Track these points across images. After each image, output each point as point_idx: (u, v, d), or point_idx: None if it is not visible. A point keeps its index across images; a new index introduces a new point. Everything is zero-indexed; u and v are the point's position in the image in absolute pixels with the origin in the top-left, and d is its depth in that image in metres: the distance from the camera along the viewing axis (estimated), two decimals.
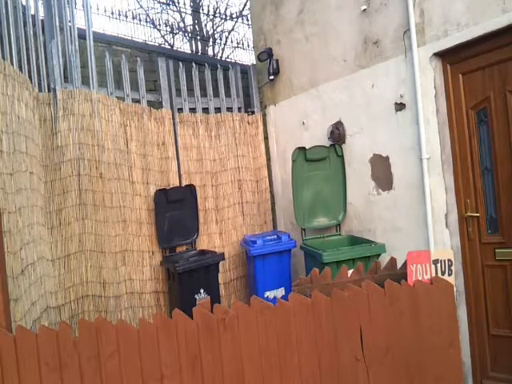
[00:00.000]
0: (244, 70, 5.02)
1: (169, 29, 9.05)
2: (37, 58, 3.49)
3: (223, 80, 4.80)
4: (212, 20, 10.72)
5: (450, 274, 2.27)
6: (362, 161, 3.91)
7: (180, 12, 10.41)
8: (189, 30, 10.68)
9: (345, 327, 2.05)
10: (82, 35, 3.75)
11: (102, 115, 3.70)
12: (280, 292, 4.10)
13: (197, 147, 4.47)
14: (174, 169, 4.27)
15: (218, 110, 4.72)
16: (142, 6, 9.45)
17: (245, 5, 10.29)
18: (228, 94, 4.84)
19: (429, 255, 2.27)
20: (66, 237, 3.47)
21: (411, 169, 3.48)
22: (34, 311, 2.84)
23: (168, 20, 9.47)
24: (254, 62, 5.21)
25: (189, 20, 10.71)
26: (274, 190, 4.99)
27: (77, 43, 3.68)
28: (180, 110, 4.47)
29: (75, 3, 3.85)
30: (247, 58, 7.48)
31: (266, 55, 4.73)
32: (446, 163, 3.31)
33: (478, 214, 3.21)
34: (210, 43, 10.32)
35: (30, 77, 3.34)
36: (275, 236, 4.19)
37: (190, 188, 4.24)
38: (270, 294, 4.04)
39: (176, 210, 4.12)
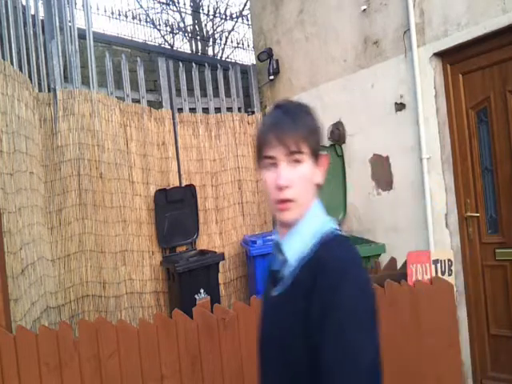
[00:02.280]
0: (244, 70, 5.02)
1: (169, 29, 9.05)
2: (37, 58, 3.49)
3: (223, 80, 4.79)
4: (212, 20, 10.71)
5: (450, 274, 2.27)
6: (361, 161, 3.90)
7: (180, 12, 10.41)
8: (189, 29, 10.67)
9: None
10: (82, 35, 3.74)
11: (102, 115, 3.70)
12: None
13: (197, 147, 4.46)
14: (174, 169, 4.26)
15: (218, 110, 4.72)
16: (142, 6, 9.45)
17: (245, 5, 10.28)
18: (228, 94, 4.84)
19: (429, 255, 2.27)
20: (65, 237, 3.47)
21: (411, 169, 3.48)
22: (34, 311, 2.84)
23: (168, 20, 9.47)
24: (254, 62, 5.21)
25: (189, 20, 10.71)
26: None
27: (77, 43, 3.68)
28: (180, 109, 4.46)
29: (75, 3, 3.85)
30: (247, 58, 7.47)
31: (266, 55, 4.72)
32: (446, 163, 3.30)
33: (477, 214, 3.21)
34: (210, 43, 10.32)
35: (30, 77, 3.34)
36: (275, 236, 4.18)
37: (190, 188, 4.24)
38: None
39: (176, 210, 4.12)
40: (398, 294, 2.14)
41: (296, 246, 0.97)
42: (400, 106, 3.53)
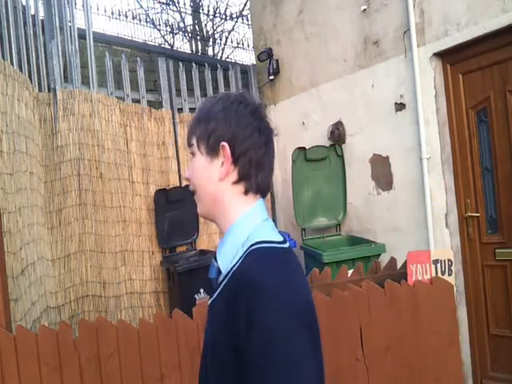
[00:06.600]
0: (244, 70, 5.02)
1: (169, 29, 9.04)
2: (37, 58, 3.49)
3: (223, 80, 4.79)
4: (212, 20, 10.70)
5: (450, 274, 2.27)
6: (362, 161, 3.90)
7: (180, 12, 10.40)
8: (189, 29, 10.66)
9: (345, 327, 2.05)
10: (82, 35, 3.74)
11: (102, 115, 3.70)
12: None
13: None
14: (174, 169, 4.26)
15: None
16: (142, 6, 9.43)
17: (245, 5, 10.27)
18: None
19: (429, 255, 2.27)
20: (65, 237, 3.47)
21: (411, 169, 3.48)
22: (34, 311, 2.84)
23: (168, 20, 9.46)
24: (254, 62, 5.21)
25: (189, 20, 10.70)
26: (274, 190, 4.99)
27: (77, 43, 3.68)
28: (180, 110, 4.46)
29: (75, 3, 3.85)
30: (247, 58, 7.47)
31: (266, 55, 4.72)
32: (446, 163, 3.30)
33: (477, 214, 3.21)
34: (210, 43, 10.32)
35: (30, 77, 3.34)
36: None
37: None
38: None
39: (176, 209, 4.12)
40: (398, 293, 2.15)
41: (225, 255, 0.90)
42: (400, 106, 3.53)
